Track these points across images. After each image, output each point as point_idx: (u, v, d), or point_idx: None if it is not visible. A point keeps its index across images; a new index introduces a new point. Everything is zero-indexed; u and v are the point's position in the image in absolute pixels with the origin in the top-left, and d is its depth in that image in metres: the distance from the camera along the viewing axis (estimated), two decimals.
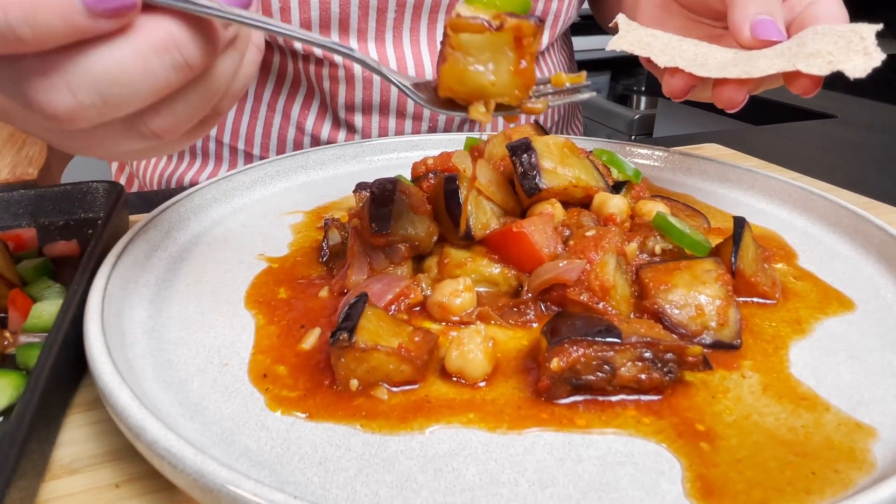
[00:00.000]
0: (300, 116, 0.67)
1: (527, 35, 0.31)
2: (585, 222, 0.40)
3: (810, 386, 0.32)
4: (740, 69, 0.41)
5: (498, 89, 0.32)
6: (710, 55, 0.44)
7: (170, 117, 0.27)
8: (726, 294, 0.34)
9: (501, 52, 0.31)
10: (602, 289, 0.34)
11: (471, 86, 0.32)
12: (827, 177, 0.68)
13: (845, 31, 0.40)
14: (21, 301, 0.35)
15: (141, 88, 0.24)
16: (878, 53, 0.38)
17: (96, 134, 0.27)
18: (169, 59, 0.24)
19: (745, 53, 0.43)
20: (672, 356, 0.30)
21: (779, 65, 0.40)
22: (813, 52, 0.39)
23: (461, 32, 0.31)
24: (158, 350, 0.34)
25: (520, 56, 0.32)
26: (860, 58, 0.38)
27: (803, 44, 0.41)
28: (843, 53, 0.39)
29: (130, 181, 0.81)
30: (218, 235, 0.47)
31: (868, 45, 0.39)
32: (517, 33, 0.31)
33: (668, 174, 0.60)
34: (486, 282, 0.38)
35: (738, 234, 0.38)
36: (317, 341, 0.34)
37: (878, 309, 0.38)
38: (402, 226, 0.38)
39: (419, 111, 0.67)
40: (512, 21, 0.31)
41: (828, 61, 0.39)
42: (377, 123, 0.67)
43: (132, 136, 0.27)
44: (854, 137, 0.88)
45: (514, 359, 0.34)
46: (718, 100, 0.42)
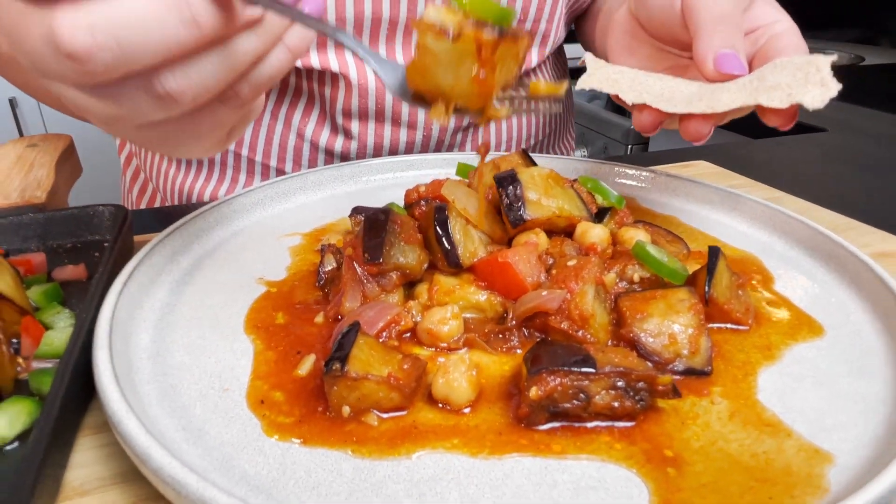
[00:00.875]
0: (301, 124, 0.70)
1: (485, 47, 0.32)
2: (568, 251, 0.42)
3: (775, 412, 0.34)
4: (705, 104, 0.42)
5: (456, 93, 0.34)
6: (677, 89, 0.46)
7: (183, 79, 0.29)
8: (698, 323, 0.36)
9: (461, 59, 0.33)
10: (581, 318, 0.36)
11: (431, 85, 0.35)
12: (813, 192, 0.70)
13: (802, 64, 0.42)
14: (33, 328, 0.38)
15: (152, 38, 0.26)
16: (834, 84, 0.40)
17: (114, 90, 0.29)
18: (178, 13, 0.26)
19: (709, 87, 0.45)
20: (643, 385, 0.32)
21: (741, 99, 0.41)
22: (773, 86, 0.41)
23: (425, 34, 0.33)
24: (163, 375, 0.36)
25: (480, 65, 0.33)
26: (817, 89, 0.40)
27: (763, 77, 0.42)
28: (801, 86, 0.40)
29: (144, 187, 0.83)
30: (219, 258, 0.49)
31: (824, 76, 0.40)
32: (477, 43, 0.32)
33: (655, 195, 0.62)
34: (474, 308, 0.40)
35: (712, 263, 0.40)
36: (312, 367, 0.36)
37: (846, 335, 0.40)
38: (393, 255, 0.40)
39: (413, 119, 0.69)
40: (469, 31, 0.32)
41: (787, 94, 0.40)
42: (373, 130, 0.69)
43: (149, 98, 0.29)
44: (844, 151, 0.90)
45: (499, 384, 0.36)
46: (685, 133, 0.44)
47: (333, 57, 0.64)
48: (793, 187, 0.71)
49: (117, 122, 0.31)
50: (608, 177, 0.65)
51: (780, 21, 0.48)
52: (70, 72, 0.27)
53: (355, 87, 0.65)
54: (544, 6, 0.68)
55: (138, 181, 0.84)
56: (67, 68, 0.27)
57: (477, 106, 0.35)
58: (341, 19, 0.62)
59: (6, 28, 0.27)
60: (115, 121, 0.31)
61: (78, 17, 0.25)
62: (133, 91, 0.29)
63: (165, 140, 0.34)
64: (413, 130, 0.69)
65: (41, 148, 0.63)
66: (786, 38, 0.46)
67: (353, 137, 0.69)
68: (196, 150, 0.35)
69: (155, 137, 0.33)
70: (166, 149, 0.35)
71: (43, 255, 0.47)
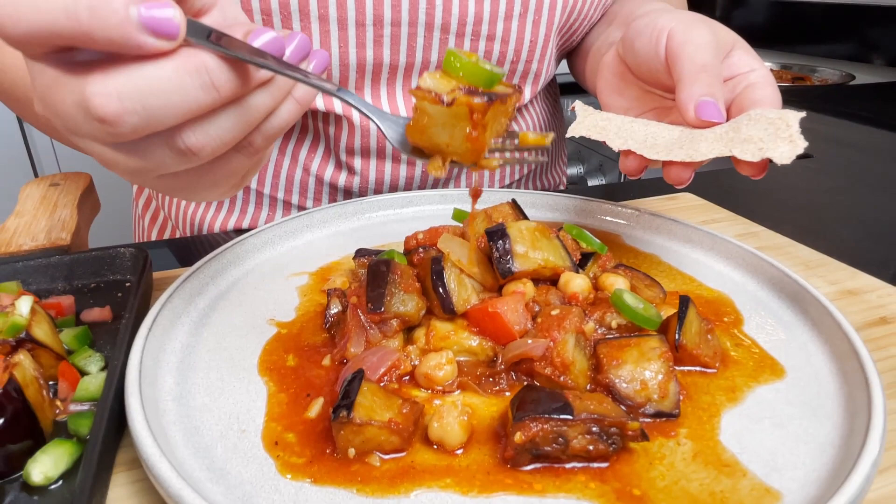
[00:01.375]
0: (307, 160, 0.74)
1: (477, 111, 0.37)
2: (552, 300, 0.46)
3: (734, 453, 0.38)
4: (684, 152, 0.47)
5: (452, 150, 0.39)
6: (659, 135, 0.51)
7: (202, 135, 0.32)
8: (667, 370, 0.40)
9: (455, 121, 0.38)
10: (563, 365, 0.41)
11: (429, 143, 0.39)
12: (794, 223, 0.74)
13: (774, 119, 0.46)
14: (69, 373, 0.42)
15: (175, 102, 0.30)
16: (801, 141, 0.44)
17: (139, 146, 0.32)
18: (199, 79, 0.30)
19: (689, 133, 0.49)
20: (615, 430, 0.36)
21: (717, 149, 0.46)
22: (746, 138, 0.45)
23: (421, 100, 0.37)
24: (186, 417, 0.40)
25: (472, 126, 0.38)
26: (786, 145, 0.44)
27: (738, 129, 0.47)
28: (772, 140, 0.44)
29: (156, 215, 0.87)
30: (233, 299, 0.53)
31: (793, 133, 0.45)
32: (469, 109, 0.37)
33: (639, 232, 0.66)
34: (467, 352, 0.44)
35: (682, 312, 0.44)
36: (320, 410, 0.40)
37: (805, 377, 0.44)
38: (394, 304, 0.44)
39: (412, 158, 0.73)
40: (463, 99, 0.37)
41: (759, 147, 0.45)
42: (374, 167, 0.73)
43: (172, 153, 0.33)
44: (827, 180, 0.94)
45: (489, 426, 0.40)
46: (668, 178, 0.49)
47: (336, 99, 0.68)
48: (775, 218, 0.75)
49: (141, 173, 0.35)
50: (595, 214, 0.69)
51: (756, 70, 0.52)
52: (99, 132, 0.31)
53: (357, 128, 0.69)
54: (535, 48, 0.72)
55: (150, 209, 0.89)
56: (97, 129, 0.30)
57: (470, 161, 0.40)
58: (345, 65, 0.66)
59: (40, 93, 0.32)
60: (139, 172, 0.35)
61: (108, 85, 0.29)
62: (156, 147, 0.33)
63: (184, 187, 0.38)
64: (412, 167, 0.73)
65: (63, 187, 0.68)
66: (760, 90, 0.51)
67: (355, 173, 0.73)
68: (213, 195, 0.40)
69: (175, 185, 0.37)
70: (185, 194, 0.39)
71: (72, 299, 0.51)
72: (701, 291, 0.55)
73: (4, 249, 0.57)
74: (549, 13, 0.69)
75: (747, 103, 0.50)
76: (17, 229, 0.60)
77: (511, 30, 0.69)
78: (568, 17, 0.72)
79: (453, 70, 0.38)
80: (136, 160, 0.33)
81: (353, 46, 0.65)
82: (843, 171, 0.99)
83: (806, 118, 0.47)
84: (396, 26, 0.65)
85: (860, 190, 0.90)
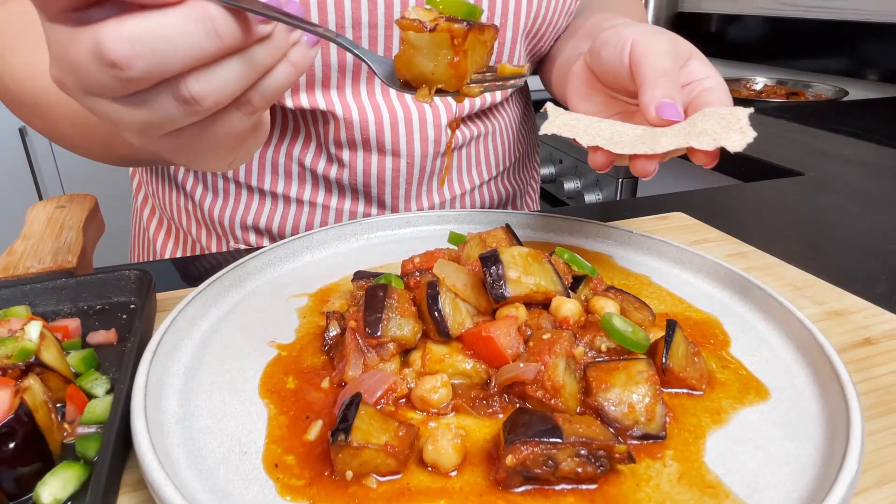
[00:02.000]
0: (300, 155, 0.78)
1: (457, 36, 0.41)
2: (544, 324, 0.47)
3: (718, 474, 0.39)
4: (647, 146, 0.51)
5: (437, 77, 0.42)
6: (624, 133, 0.55)
7: (205, 83, 0.34)
8: (654, 393, 0.42)
9: (438, 48, 0.41)
10: (553, 388, 0.42)
11: (416, 72, 0.42)
12: (784, 242, 0.75)
13: (726, 114, 0.51)
14: (77, 396, 0.43)
15: (181, 47, 0.32)
16: (751, 132, 0.49)
17: (146, 98, 0.35)
18: (203, 26, 0.32)
19: (651, 130, 0.54)
20: (603, 452, 0.38)
21: (676, 142, 0.50)
22: (701, 132, 0.50)
23: (407, 30, 0.41)
24: (190, 439, 0.41)
25: (454, 53, 0.41)
26: (738, 135, 0.49)
27: (694, 124, 0.51)
28: (725, 132, 0.49)
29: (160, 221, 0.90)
30: (234, 321, 0.55)
31: (743, 125, 0.50)
32: (450, 34, 0.41)
33: (631, 253, 0.68)
34: (461, 375, 0.46)
35: (669, 336, 0.45)
36: (319, 433, 0.41)
37: (788, 398, 0.46)
38: (391, 328, 0.46)
39: (396, 147, 0.76)
40: (444, 25, 0.40)
41: (713, 138, 0.49)
42: (362, 158, 0.77)
43: (176, 103, 0.35)
44: (819, 195, 0.96)
45: (482, 448, 0.41)
46: (634, 170, 0.53)
47: (321, 97, 0.72)
48: (766, 235, 0.77)
49: (147, 129, 0.37)
50: (588, 234, 0.71)
51: (710, 77, 0.57)
52: (111, 80, 0.33)
53: (341, 120, 0.73)
54: (503, 49, 0.78)
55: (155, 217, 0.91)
56: (109, 77, 0.33)
57: (454, 87, 0.43)
58: (327, 65, 0.71)
59: (55, 52, 0.34)
60: (146, 129, 0.37)
61: (121, 31, 0.31)
62: (162, 97, 0.35)
63: (188, 147, 0.40)
64: (397, 158, 0.77)
65: (69, 210, 0.69)
66: (714, 94, 0.56)
67: (345, 165, 0.77)
68: (215, 159, 0.42)
69: (179, 145, 0.39)
70: (189, 157, 0.41)
71: (78, 321, 0.52)
72: (690, 313, 0.57)
73: (12, 272, 0.58)
74: (514, 17, 0.74)
75: (702, 105, 0.55)
76: (25, 252, 0.62)
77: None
78: (534, 22, 0.77)
79: (434, 5, 0.42)
80: (143, 112, 0.35)
81: (334, 48, 0.69)
82: (835, 186, 1.01)
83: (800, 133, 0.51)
84: (374, 28, 0.69)
85: (852, 205, 0.91)
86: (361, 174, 0.77)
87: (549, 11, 0.78)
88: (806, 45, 2.15)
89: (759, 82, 2.10)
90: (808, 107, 1.75)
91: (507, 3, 0.73)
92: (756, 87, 2.07)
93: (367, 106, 0.74)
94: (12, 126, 2.07)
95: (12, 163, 1.96)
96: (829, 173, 1.08)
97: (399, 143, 0.76)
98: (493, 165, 0.88)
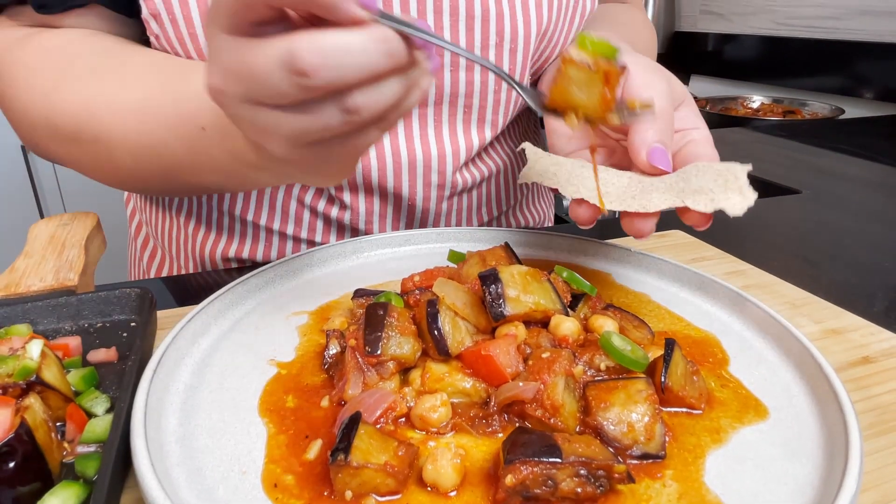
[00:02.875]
0: (300, 193, 0.77)
1: (612, 76, 0.46)
2: (543, 343, 0.47)
3: (717, 494, 0.39)
4: (638, 202, 0.49)
5: (587, 107, 0.47)
6: (609, 181, 0.53)
7: (368, 97, 0.37)
8: (654, 412, 0.42)
9: (593, 84, 0.46)
10: (553, 407, 0.42)
11: (569, 102, 0.47)
12: (782, 260, 0.76)
13: (721, 170, 0.48)
14: (77, 415, 0.43)
15: (362, 63, 0.35)
16: (751, 193, 0.46)
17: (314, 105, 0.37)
18: (382, 47, 0.36)
19: (638, 180, 0.51)
20: (602, 472, 0.38)
21: (670, 200, 0.48)
22: (697, 189, 0.48)
23: (569, 66, 0.46)
24: (189, 458, 0.41)
25: (606, 87, 0.46)
26: (737, 196, 0.46)
27: (688, 179, 0.49)
28: (722, 191, 0.47)
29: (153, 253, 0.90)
30: (235, 339, 0.55)
31: (742, 185, 0.47)
32: (606, 74, 0.46)
33: (630, 272, 0.68)
34: (461, 394, 0.46)
35: (667, 355, 0.46)
36: (318, 452, 0.41)
37: (787, 417, 0.46)
38: (390, 347, 0.46)
39: (399, 191, 0.76)
40: (604, 65, 0.46)
41: (710, 199, 0.47)
42: (364, 200, 0.77)
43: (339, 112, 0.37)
44: (816, 212, 0.97)
45: (481, 468, 0.41)
46: (628, 231, 0.51)
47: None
48: (764, 253, 0.78)
49: (301, 136, 0.39)
50: (587, 252, 0.71)
51: (699, 128, 0.56)
52: (292, 87, 0.35)
53: None
54: (513, 75, 0.76)
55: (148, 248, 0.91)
56: (292, 83, 0.35)
57: (600, 116, 0.47)
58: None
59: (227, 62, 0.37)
60: (300, 135, 0.39)
61: (314, 43, 0.34)
62: (328, 106, 0.38)
63: (325, 158, 0.43)
64: (400, 201, 0.77)
65: (71, 227, 0.70)
66: (702, 147, 0.55)
67: (346, 207, 0.77)
68: (339, 170, 0.45)
69: (319, 156, 0.42)
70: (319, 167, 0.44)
71: (79, 339, 0.53)
72: (689, 331, 0.57)
73: (14, 290, 0.59)
74: (523, 43, 0.73)
75: (690, 157, 0.53)
76: (26, 270, 0.62)
77: (488, 59, 0.72)
78: (541, 46, 0.76)
79: (584, 47, 0.46)
80: (305, 120, 0.38)
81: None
82: (832, 203, 1.01)
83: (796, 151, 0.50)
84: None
85: (849, 222, 0.92)
86: (364, 214, 0.77)
87: (556, 34, 0.77)
88: (802, 63, 2.17)
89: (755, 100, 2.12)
90: (804, 125, 1.76)
91: (515, 28, 0.72)
92: (753, 105, 2.09)
93: (372, 149, 0.73)
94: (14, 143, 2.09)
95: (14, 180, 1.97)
96: (826, 191, 1.09)
97: (402, 187, 0.75)
98: (502, 200, 0.88)
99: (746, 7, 2.43)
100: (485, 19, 0.69)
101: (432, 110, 0.74)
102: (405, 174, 0.75)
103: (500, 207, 0.88)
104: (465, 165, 0.80)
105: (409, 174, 0.75)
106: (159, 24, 0.64)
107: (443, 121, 0.75)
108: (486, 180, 0.84)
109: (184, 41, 0.65)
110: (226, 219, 0.79)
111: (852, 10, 2.05)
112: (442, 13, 0.67)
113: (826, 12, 2.13)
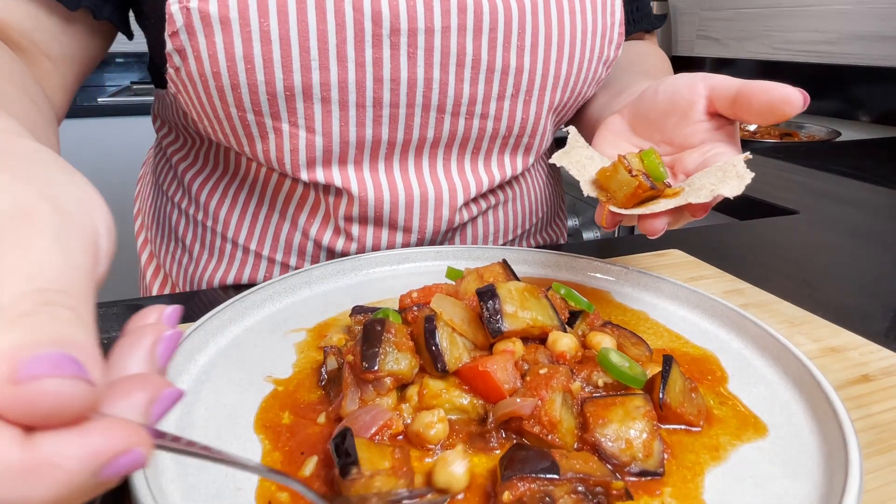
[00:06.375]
0: (306, 224, 0.77)
1: (643, 190, 0.52)
2: (540, 359, 0.47)
3: None
4: (647, 208, 0.53)
5: (614, 194, 0.54)
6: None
7: None
8: (651, 429, 0.42)
9: (628, 185, 0.53)
10: (550, 423, 0.42)
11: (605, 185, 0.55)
12: (780, 279, 0.76)
13: (722, 165, 0.52)
14: None
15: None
16: (748, 174, 0.49)
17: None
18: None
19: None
20: (600, 489, 0.37)
21: (674, 202, 0.51)
22: (699, 187, 0.51)
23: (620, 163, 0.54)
24: (184, 475, 0.41)
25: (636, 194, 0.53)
26: (735, 181, 0.49)
27: (692, 182, 0.53)
28: (721, 181, 0.50)
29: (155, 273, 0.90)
30: (232, 356, 0.55)
31: (739, 170, 0.50)
32: (641, 185, 0.52)
33: (628, 289, 0.68)
34: (458, 410, 0.46)
35: (665, 371, 0.46)
36: (314, 469, 0.41)
37: (787, 435, 0.45)
38: (388, 363, 0.46)
39: (409, 224, 0.75)
40: (642, 180, 0.52)
41: (710, 190, 0.50)
42: (371, 233, 0.76)
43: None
44: (813, 234, 0.97)
45: (479, 484, 0.41)
46: (642, 229, 0.53)
47: (337, 173, 0.71)
48: (761, 273, 0.78)
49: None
50: (585, 271, 0.72)
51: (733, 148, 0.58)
52: None
53: (356, 198, 0.72)
54: (527, 124, 0.76)
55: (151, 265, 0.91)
56: None
57: (623, 206, 0.54)
58: (345, 142, 0.69)
59: None
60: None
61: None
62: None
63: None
64: (408, 234, 0.76)
65: None
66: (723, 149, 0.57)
67: (353, 239, 0.76)
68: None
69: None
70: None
71: None
72: (687, 349, 0.57)
73: None
74: (539, 94, 0.73)
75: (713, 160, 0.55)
76: None
77: (504, 108, 0.72)
78: (562, 97, 0.76)
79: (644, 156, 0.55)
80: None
81: (354, 125, 0.68)
82: (829, 224, 1.02)
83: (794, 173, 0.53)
84: (395, 107, 0.68)
85: (846, 243, 0.92)
86: (370, 247, 0.77)
87: (579, 85, 0.77)
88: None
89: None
90: (801, 147, 1.78)
91: (532, 81, 0.72)
92: (750, 127, 2.11)
93: (383, 183, 0.73)
94: None
95: None
96: (823, 212, 1.10)
97: (412, 221, 0.75)
98: (518, 225, 0.88)
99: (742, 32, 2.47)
100: (504, 72, 0.70)
101: (442, 150, 0.74)
102: (416, 208, 0.74)
103: (507, 236, 0.88)
104: (474, 200, 0.80)
105: (421, 208, 0.75)
106: (183, 59, 0.62)
107: (452, 158, 0.75)
108: (493, 208, 0.84)
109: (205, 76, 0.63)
110: (228, 246, 0.80)
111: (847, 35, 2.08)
112: (464, 66, 0.68)
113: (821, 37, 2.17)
